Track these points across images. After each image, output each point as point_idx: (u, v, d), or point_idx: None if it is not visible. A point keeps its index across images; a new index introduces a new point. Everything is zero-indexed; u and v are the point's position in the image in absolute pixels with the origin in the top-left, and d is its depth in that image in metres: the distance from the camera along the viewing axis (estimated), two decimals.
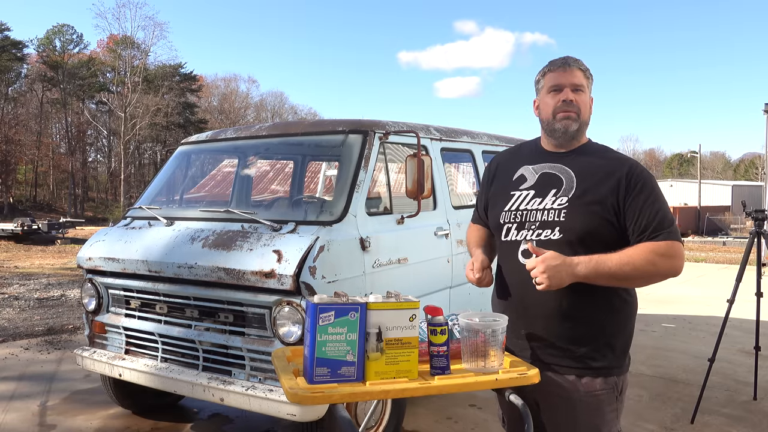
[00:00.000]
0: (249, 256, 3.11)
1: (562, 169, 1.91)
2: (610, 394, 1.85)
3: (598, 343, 1.84)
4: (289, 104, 65.10)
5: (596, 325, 1.84)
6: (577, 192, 1.85)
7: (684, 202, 40.83)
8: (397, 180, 4.16)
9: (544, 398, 1.84)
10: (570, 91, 1.88)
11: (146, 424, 4.08)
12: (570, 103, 1.88)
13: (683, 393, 4.68)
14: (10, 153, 43.22)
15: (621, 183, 1.82)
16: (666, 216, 1.81)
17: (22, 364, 5.51)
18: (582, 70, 1.90)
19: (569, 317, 1.83)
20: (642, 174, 1.85)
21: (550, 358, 1.86)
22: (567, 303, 1.81)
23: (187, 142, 4.56)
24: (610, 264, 1.73)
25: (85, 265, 3.79)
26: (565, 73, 1.89)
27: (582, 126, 1.91)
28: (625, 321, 1.90)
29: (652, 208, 1.79)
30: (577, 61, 1.92)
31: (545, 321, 1.86)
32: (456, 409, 4.32)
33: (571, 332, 1.84)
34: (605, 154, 1.93)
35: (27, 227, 22.98)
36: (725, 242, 25.07)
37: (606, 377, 1.84)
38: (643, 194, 1.80)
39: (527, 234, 1.88)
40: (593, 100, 1.96)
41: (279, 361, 1.83)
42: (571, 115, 1.88)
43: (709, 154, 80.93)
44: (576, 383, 1.83)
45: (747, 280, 4.29)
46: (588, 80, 1.92)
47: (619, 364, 1.88)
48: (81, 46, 51.89)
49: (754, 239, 4.29)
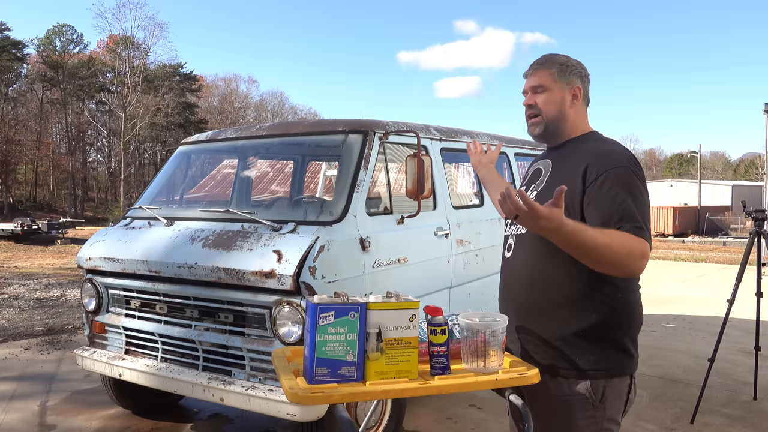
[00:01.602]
0: (249, 256, 3.11)
1: (545, 162, 1.95)
2: (584, 400, 1.74)
3: (569, 343, 1.75)
4: (289, 104, 65.21)
5: (570, 325, 1.75)
6: (545, 185, 1.87)
7: (684, 202, 40.83)
8: (397, 180, 4.16)
9: (530, 399, 1.81)
10: (530, 96, 1.92)
11: (146, 424, 4.08)
12: (531, 107, 1.91)
13: (683, 393, 4.68)
14: (10, 153, 43.21)
15: (578, 175, 1.73)
16: (633, 213, 1.64)
17: (22, 364, 5.51)
18: (549, 70, 1.88)
19: (540, 314, 1.79)
20: (606, 164, 1.71)
21: (530, 356, 1.82)
22: (539, 298, 1.77)
23: (187, 142, 4.56)
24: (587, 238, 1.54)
25: (85, 265, 3.79)
26: (528, 79, 1.93)
27: (550, 124, 1.89)
28: (611, 323, 1.75)
29: (616, 201, 1.65)
30: (545, 63, 1.90)
31: (519, 315, 1.84)
32: (456, 409, 4.32)
33: (542, 329, 1.79)
34: (590, 146, 1.83)
35: (27, 227, 22.98)
36: (725, 242, 25.06)
37: (577, 380, 1.74)
38: (605, 186, 1.67)
39: (513, 228, 1.94)
40: (579, 90, 1.89)
41: (279, 361, 1.83)
42: (534, 119, 1.91)
43: (709, 154, 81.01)
44: (549, 384, 1.77)
45: (747, 280, 4.29)
46: (557, 74, 1.87)
47: (601, 367, 1.74)
48: (81, 46, 51.98)
49: (754, 239, 4.29)
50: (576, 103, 1.91)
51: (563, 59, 1.91)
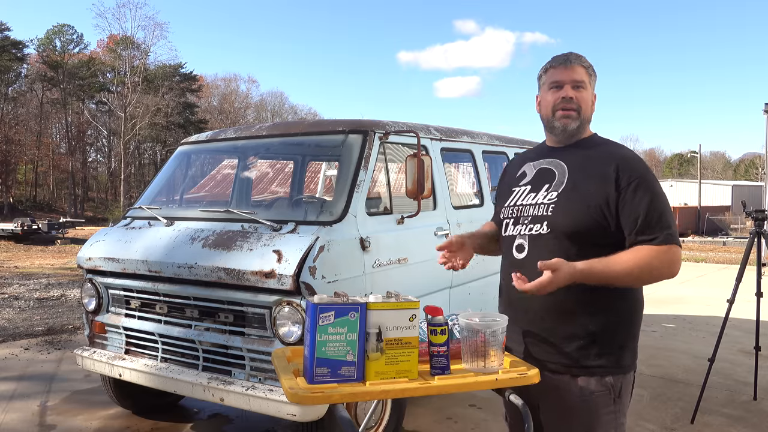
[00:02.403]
0: (249, 256, 3.11)
1: (557, 163, 1.91)
2: (606, 395, 1.79)
3: (589, 340, 1.79)
4: (289, 104, 65.18)
5: (588, 322, 1.79)
6: (567, 186, 1.84)
7: (684, 202, 40.83)
8: (397, 180, 4.16)
9: (542, 399, 1.83)
10: (570, 88, 1.86)
11: (146, 424, 4.08)
12: (570, 100, 1.86)
13: (683, 393, 4.68)
14: (10, 153, 43.23)
15: (610, 180, 1.77)
16: (664, 215, 1.75)
17: (22, 364, 5.51)
18: (584, 67, 1.88)
19: (559, 312, 1.80)
20: (635, 170, 1.78)
21: (543, 354, 1.83)
22: (556, 298, 1.76)
23: (187, 142, 4.56)
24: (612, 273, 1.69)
25: (85, 265, 3.79)
26: (566, 70, 1.87)
27: (583, 123, 1.90)
28: (624, 319, 1.83)
29: (650, 207, 1.73)
30: (580, 58, 1.89)
31: (535, 316, 1.84)
32: (456, 409, 4.32)
33: (560, 328, 1.81)
34: (602, 148, 1.88)
35: (27, 227, 23.00)
36: (725, 242, 25.07)
37: (601, 377, 1.79)
38: (638, 193, 1.75)
39: (521, 229, 1.89)
40: (596, 96, 1.93)
41: (279, 361, 1.83)
42: (570, 113, 1.87)
43: (709, 154, 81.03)
44: (570, 383, 1.80)
45: (747, 280, 4.29)
46: (590, 77, 1.89)
47: (617, 364, 1.81)
48: (81, 46, 52.00)
49: (754, 239, 4.29)
50: (593, 107, 1.93)
51: (590, 63, 1.90)
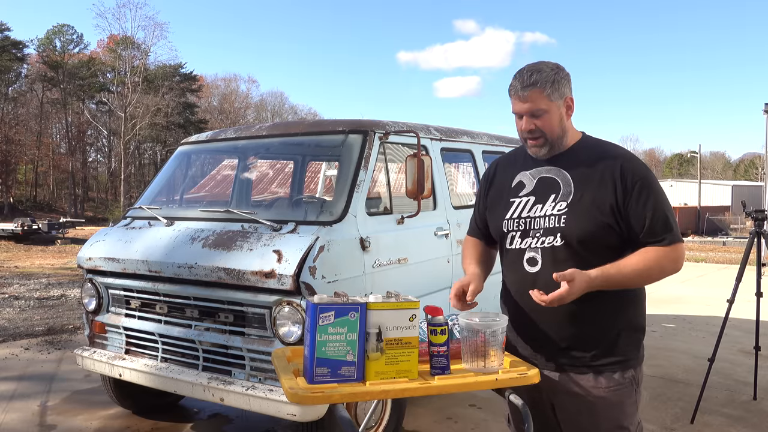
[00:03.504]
0: (249, 256, 3.11)
1: (558, 172, 1.89)
2: (629, 387, 1.86)
3: (610, 339, 1.84)
4: (289, 104, 65.15)
5: (606, 322, 1.84)
6: (575, 196, 1.84)
7: (684, 202, 40.83)
8: (397, 180, 4.16)
9: (563, 400, 1.86)
10: (529, 120, 1.84)
11: (146, 424, 4.08)
12: (532, 131, 1.85)
13: (683, 393, 4.67)
14: (11, 153, 43.23)
15: (617, 185, 1.81)
16: (668, 217, 1.82)
17: (22, 364, 5.51)
18: (541, 89, 1.80)
19: (578, 318, 1.83)
20: (638, 171, 1.83)
21: (565, 360, 1.86)
22: (575, 304, 1.77)
23: (187, 142, 4.56)
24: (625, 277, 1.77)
25: (85, 265, 3.79)
26: (521, 102, 1.83)
27: (555, 142, 1.88)
28: (636, 313, 1.90)
29: (655, 209, 1.79)
30: (535, 80, 1.80)
31: (555, 324, 1.85)
32: (456, 409, 4.32)
33: (581, 333, 1.84)
34: (598, 152, 1.89)
35: (27, 227, 23.00)
36: (725, 242, 25.06)
37: (623, 371, 1.85)
38: (642, 195, 1.79)
39: (532, 242, 1.88)
40: (573, 100, 1.88)
41: (279, 361, 1.83)
42: (537, 142, 1.87)
43: (709, 154, 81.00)
44: (594, 381, 1.84)
45: (747, 280, 4.28)
46: (552, 94, 1.81)
47: (635, 356, 1.88)
48: (81, 46, 51.98)
49: (754, 239, 4.29)
50: (570, 113, 1.89)
51: (551, 74, 1.82)
